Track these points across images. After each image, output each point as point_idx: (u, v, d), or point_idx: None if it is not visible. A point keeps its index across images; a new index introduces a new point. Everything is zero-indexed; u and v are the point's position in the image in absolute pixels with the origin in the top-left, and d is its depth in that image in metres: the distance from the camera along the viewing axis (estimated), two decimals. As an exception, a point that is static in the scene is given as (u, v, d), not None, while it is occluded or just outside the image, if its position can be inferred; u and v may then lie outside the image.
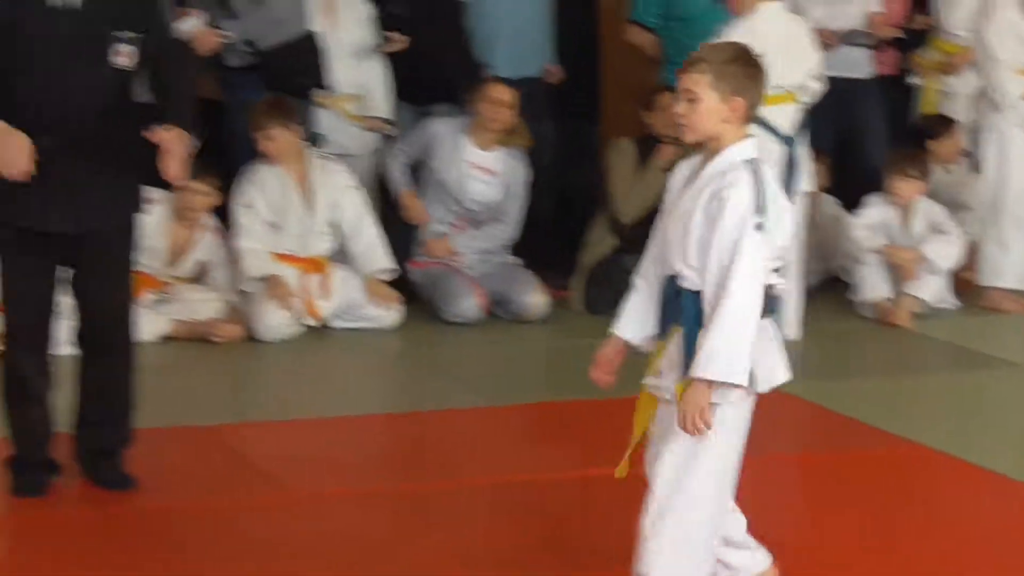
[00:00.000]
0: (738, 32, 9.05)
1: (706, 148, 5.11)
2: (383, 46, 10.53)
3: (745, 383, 4.92)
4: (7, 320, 6.94)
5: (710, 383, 4.90)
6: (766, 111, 8.94)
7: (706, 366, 4.89)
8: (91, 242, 6.74)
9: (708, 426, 4.93)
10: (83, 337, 6.96)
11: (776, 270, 5.12)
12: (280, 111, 9.78)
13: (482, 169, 9.94)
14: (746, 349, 4.91)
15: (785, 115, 9.33)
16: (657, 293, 5.20)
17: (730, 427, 5.09)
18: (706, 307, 4.97)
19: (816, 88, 9.54)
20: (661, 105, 9.59)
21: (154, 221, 9.02)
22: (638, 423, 5.21)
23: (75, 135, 6.55)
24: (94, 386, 6.93)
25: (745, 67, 5.12)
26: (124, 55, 6.55)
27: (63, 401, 6.97)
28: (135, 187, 6.82)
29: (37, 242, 6.67)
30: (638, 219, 9.68)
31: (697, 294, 5.01)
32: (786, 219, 5.15)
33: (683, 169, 5.24)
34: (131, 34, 6.55)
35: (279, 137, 9.66)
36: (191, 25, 9.99)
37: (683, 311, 5.04)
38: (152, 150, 6.62)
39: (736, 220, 4.92)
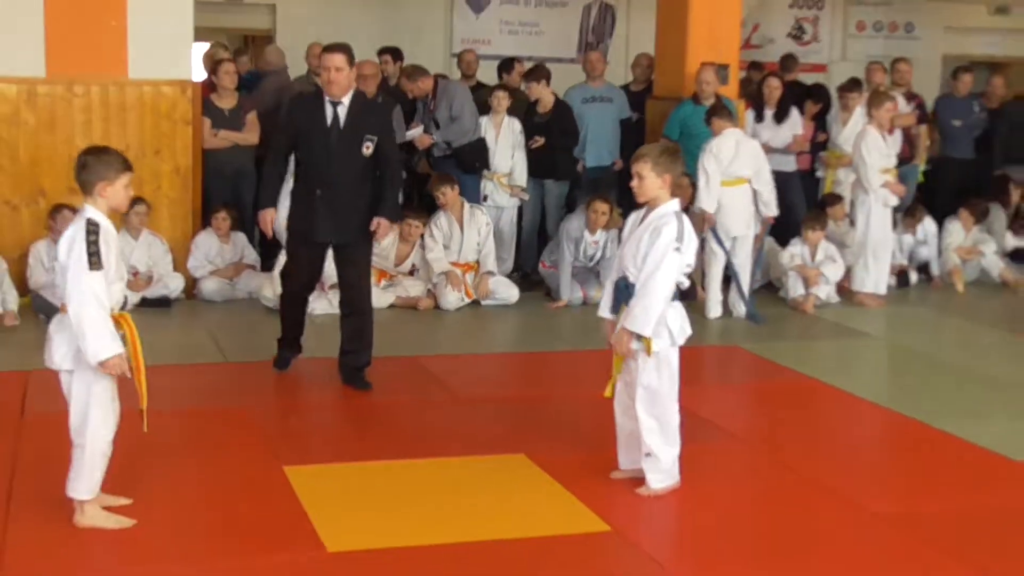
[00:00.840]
0: (714, 144, 9.14)
1: (649, 205, 5.25)
2: (531, 143, 10.37)
3: (648, 334, 5.11)
4: (283, 285, 7.37)
5: (629, 331, 5.15)
6: (729, 189, 9.15)
7: (629, 322, 5.15)
8: (345, 247, 7.01)
9: (627, 352, 5.19)
10: (343, 303, 7.20)
11: (686, 275, 5.26)
12: (446, 180, 9.69)
13: (593, 242, 9.62)
14: (653, 316, 5.10)
15: (742, 192, 9.28)
16: (613, 289, 5.37)
17: (673, 361, 5.29)
18: (637, 291, 5.17)
19: (768, 178, 9.40)
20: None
21: (388, 242, 9.21)
22: (615, 366, 5.37)
23: (339, 190, 6.87)
24: (349, 331, 7.11)
25: (670, 157, 5.24)
26: (368, 148, 6.86)
27: (331, 342, 7.22)
28: (368, 218, 6.93)
29: (312, 244, 7.01)
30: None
31: (635, 286, 5.19)
32: (693, 248, 5.24)
33: (633, 216, 5.36)
34: (372, 137, 6.87)
35: (447, 193, 9.59)
36: (415, 132, 10.19)
37: (629, 297, 5.20)
38: (374, 206, 6.96)
39: (664, 244, 5.10)
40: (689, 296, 5.77)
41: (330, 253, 7.16)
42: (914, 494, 5.62)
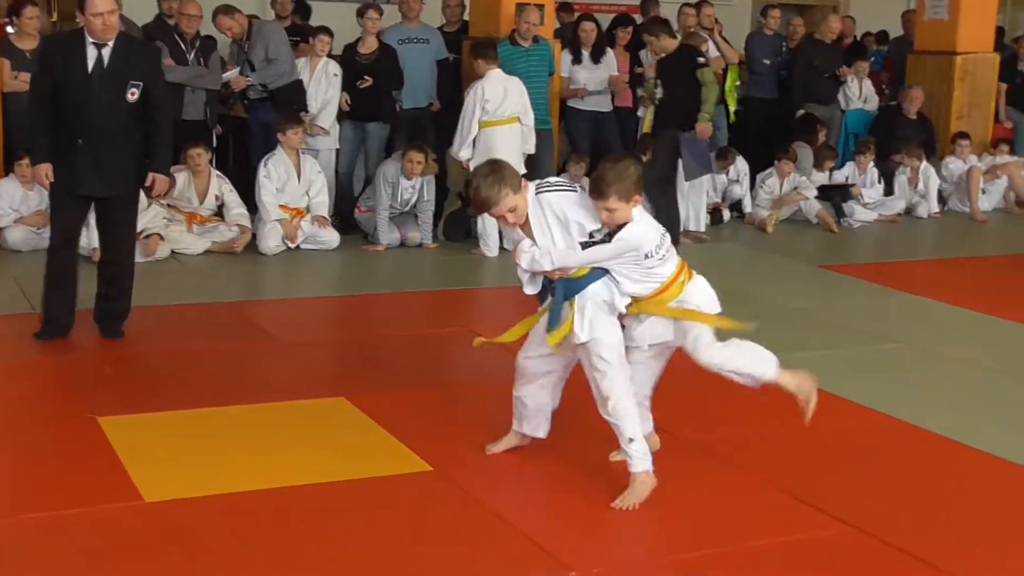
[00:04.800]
0: (480, 87, 9.27)
1: None
2: (359, 84, 10.23)
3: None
4: (51, 234, 6.89)
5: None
6: (500, 129, 9.28)
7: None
8: (109, 199, 6.69)
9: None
10: (102, 251, 7.02)
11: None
12: (295, 119, 9.57)
13: (410, 187, 9.53)
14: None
15: (513, 131, 9.35)
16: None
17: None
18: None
19: (532, 115, 9.54)
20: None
21: (183, 179, 9.09)
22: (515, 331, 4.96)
23: (103, 140, 6.52)
24: (108, 277, 6.93)
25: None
26: (133, 94, 6.49)
27: (151, 290, 7.10)
28: (136, 171, 6.72)
29: (76, 196, 6.65)
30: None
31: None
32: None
33: None
34: (138, 82, 6.50)
35: (296, 134, 9.53)
36: (231, 74, 10.04)
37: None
38: (145, 156, 6.73)
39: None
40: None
41: None
42: (724, 423, 5.69)
